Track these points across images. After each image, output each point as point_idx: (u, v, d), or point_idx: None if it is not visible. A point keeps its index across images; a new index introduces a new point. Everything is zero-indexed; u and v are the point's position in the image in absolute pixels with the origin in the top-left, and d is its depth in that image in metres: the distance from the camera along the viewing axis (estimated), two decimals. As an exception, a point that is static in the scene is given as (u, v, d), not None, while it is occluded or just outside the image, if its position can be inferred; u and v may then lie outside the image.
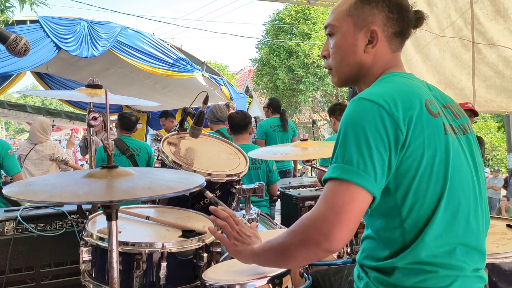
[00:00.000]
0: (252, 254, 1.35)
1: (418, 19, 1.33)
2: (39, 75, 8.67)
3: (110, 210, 1.17)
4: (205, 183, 1.44)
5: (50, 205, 2.80)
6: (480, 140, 4.09)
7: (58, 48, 5.99)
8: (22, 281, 2.71)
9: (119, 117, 4.56)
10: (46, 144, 5.04)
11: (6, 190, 1.15)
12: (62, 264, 2.83)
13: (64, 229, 2.77)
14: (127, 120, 4.44)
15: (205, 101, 2.11)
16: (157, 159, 2.07)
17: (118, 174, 1.25)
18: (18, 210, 2.75)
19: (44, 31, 5.86)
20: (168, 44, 7.39)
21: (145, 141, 11.53)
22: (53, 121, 14.19)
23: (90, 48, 6.30)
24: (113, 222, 1.19)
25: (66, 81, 8.91)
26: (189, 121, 2.49)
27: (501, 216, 2.25)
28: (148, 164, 4.30)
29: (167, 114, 6.65)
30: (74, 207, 2.82)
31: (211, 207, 1.41)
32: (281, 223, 2.59)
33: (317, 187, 3.81)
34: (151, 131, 12.15)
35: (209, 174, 2.01)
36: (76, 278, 2.82)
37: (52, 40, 5.92)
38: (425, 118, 1.15)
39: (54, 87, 8.79)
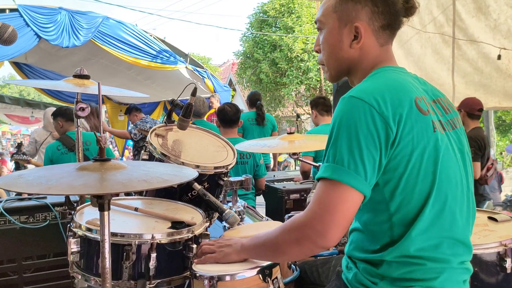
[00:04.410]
0: (243, 248, 1.41)
1: (408, 8, 1.32)
2: (17, 65, 8.45)
3: (102, 200, 1.16)
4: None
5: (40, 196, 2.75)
6: (480, 142, 4.09)
7: (39, 37, 5.85)
8: (4, 274, 2.67)
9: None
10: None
11: None
12: (45, 256, 2.80)
13: (47, 221, 2.74)
14: (68, 112, 4.04)
15: (193, 93, 2.10)
16: (145, 151, 2.06)
17: (111, 167, 1.25)
18: (0, 202, 2.70)
19: (24, 19, 5.72)
20: (151, 35, 7.29)
21: (127, 133, 11.37)
22: (32, 112, 13.90)
23: (71, 38, 6.17)
24: (105, 213, 1.18)
25: (45, 72, 8.71)
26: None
27: (483, 209, 2.31)
28: None
29: (130, 110, 6.67)
30: (58, 199, 2.79)
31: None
32: (266, 216, 2.61)
33: (300, 182, 3.84)
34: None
35: (197, 166, 2.01)
36: (59, 270, 2.79)
37: (32, 29, 5.78)
38: (414, 116, 1.17)
39: (33, 77, 8.58)
